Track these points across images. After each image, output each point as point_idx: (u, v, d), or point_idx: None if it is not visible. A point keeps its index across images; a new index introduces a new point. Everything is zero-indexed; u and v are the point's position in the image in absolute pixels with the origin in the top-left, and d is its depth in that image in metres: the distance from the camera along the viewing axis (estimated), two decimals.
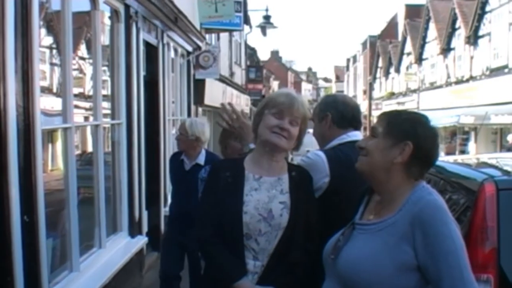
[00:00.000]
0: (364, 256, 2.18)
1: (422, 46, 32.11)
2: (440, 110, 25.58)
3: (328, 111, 3.34)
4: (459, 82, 26.13)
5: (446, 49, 27.88)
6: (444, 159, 4.95)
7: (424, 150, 2.24)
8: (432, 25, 30.04)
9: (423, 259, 2.09)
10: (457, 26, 26.52)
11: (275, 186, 2.82)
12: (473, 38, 24.33)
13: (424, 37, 31.64)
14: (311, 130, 3.51)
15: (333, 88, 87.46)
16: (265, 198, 2.76)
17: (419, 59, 32.62)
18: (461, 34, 25.87)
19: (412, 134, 2.22)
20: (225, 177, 2.81)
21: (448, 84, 27.62)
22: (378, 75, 46.12)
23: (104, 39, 6.69)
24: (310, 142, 3.61)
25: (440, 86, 28.75)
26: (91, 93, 6.31)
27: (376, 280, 2.13)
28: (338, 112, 3.32)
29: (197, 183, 4.78)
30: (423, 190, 2.22)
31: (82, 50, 6.37)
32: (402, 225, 2.14)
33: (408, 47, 35.19)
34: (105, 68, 6.82)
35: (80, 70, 6.30)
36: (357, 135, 3.27)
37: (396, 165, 2.23)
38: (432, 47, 30.39)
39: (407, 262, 2.11)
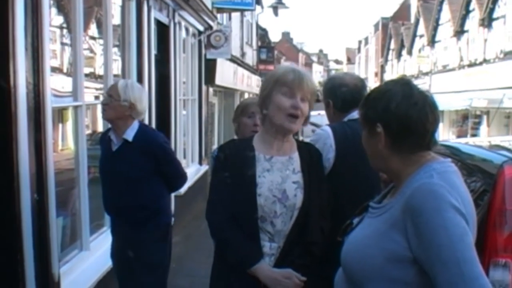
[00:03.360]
0: (356, 242, 2.02)
1: (435, 28, 31.79)
2: (452, 93, 25.38)
3: (329, 98, 3.42)
4: (472, 65, 25.87)
5: (459, 32, 27.57)
6: (457, 141, 4.87)
7: (397, 123, 1.93)
8: (445, 7, 29.71)
9: (417, 252, 1.82)
10: (471, 8, 26.20)
11: (287, 165, 2.77)
12: (487, 21, 24.02)
13: (437, 19, 31.30)
14: (323, 112, 3.56)
15: (344, 70, 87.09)
16: (278, 179, 2.71)
17: (432, 42, 32.31)
18: (475, 16, 25.56)
19: (379, 112, 1.96)
20: (234, 159, 2.73)
21: (461, 67, 27.36)
22: (390, 57, 45.79)
23: (115, 18, 6.63)
24: (320, 123, 3.60)
25: (453, 69, 28.48)
26: (101, 72, 6.28)
27: (364, 269, 1.94)
28: (337, 98, 3.38)
29: (128, 167, 4.09)
30: (426, 171, 1.91)
31: (93, 29, 6.32)
32: (395, 211, 1.89)
33: (421, 29, 34.86)
34: (116, 47, 6.77)
35: (91, 50, 6.25)
36: None
37: (384, 151, 1.98)
38: (445, 29, 30.07)
39: (397, 253, 1.85)
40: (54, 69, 4.74)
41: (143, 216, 4.12)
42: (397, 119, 1.93)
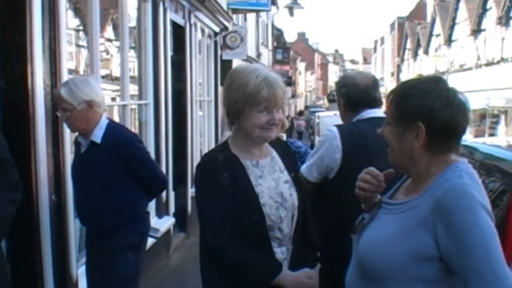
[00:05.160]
0: (379, 239, 1.99)
1: (452, 27, 31.57)
2: (469, 93, 25.19)
3: (340, 97, 3.45)
4: (489, 64, 25.64)
5: (476, 30, 27.35)
6: (474, 140, 4.83)
7: (441, 124, 1.92)
8: (462, 6, 29.49)
9: (446, 251, 1.83)
10: (488, 6, 25.97)
11: (273, 166, 2.67)
12: (505, 19, 23.80)
13: (454, 18, 31.09)
14: (338, 112, 3.58)
15: (360, 70, 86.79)
16: (272, 183, 2.62)
17: (448, 41, 32.09)
18: (492, 14, 25.34)
19: (421, 112, 1.92)
20: (222, 174, 2.52)
21: (478, 66, 27.14)
22: (406, 57, 45.57)
23: (131, 20, 6.66)
24: (336, 123, 3.58)
25: (470, 68, 28.27)
26: (118, 74, 6.31)
27: (388, 266, 1.93)
28: (348, 98, 3.40)
29: (95, 169, 3.68)
30: (454, 172, 1.92)
31: (109, 31, 6.35)
32: (422, 210, 1.89)
33: (437, 29, 34.63)
34: (132, 49, 6.79)
35: (107, 52, 6.28)
36: (375, 112, 3.34)
37: (416, 149, 1.96)
38: (462, 28, 29.85)
39: (424, 251, 1.87)
40: (71, 71, 4.77)
41: (113, 223, 3.70)
42: (443, 120, 1.92)
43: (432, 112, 1.92)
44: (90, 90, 3.64)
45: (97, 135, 3.66)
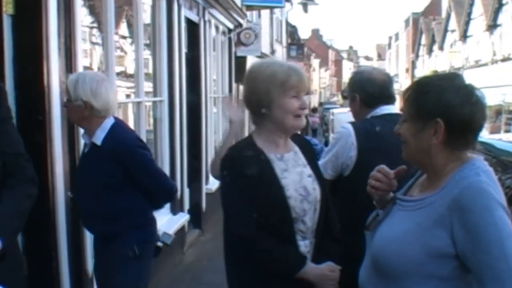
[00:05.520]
0: (394, 236, 1.98)
1: (467, 23, 31.35)
2: (485, 89, 24.95)
3: (355, 92, 3.39)
4: (505, 59, 25.43)
5: (492, 26, 27.13)
6: (490, 137, 4.80)
7: (460, 120, 1.92)
8: (478, 1, 29.27)
9: (462, 249, 1.84)
10: (504, 1, 25.74)
11: (297, 161, 2.74)
12: None
13: (469, 13, 30.86)
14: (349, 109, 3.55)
15: (374, 66, 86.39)
16: (297, 177, 2.68)
17: (464, 36, 31.87)
18: (508, 9, 25.12)
19: (440, 108, 1.92)
20: (248, 166, 2.58)
21: (494, 61, 26.92)
22: (421, 53, 45.30)
23: (145, 17, 6.68)
24: (349, 120, 3.56)
25: (485, 64, 28.06)
26: (132, 71, 6.33)
27: (403, 264, 1.93)
28: (364, 93, 3.34)
29: (95, 172, 3.50)
30: (471, 169, 1.92)
31: (124, 28, 6.38)
32: (439, 207, 1.89)
33: (453, 24, 34.40)
34: (147, 46, 6.81)
35: (122, 49, 6.31)
36: (390, 109, 3.32)
37: (435, 146, 1.96)
38: (478, 24, 29.63)
39: (440, 248, 1.87)
40: (86, 68, 4.79)
41: (109, 229, 3.54)
42: (461, 116, 1.92)
43: (451, 108, 1.92)
44: (92, 93, 3.40)
45: (99, 137, 3.47)
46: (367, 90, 3.32)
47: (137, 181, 3.52)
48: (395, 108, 3.39)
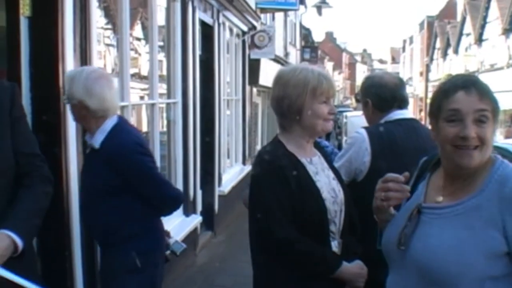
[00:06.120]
0: (447, 245, 1.91)
1: (483, 26, 31.17)
2: (500, 93, 24.84)
3: (367, 97, 3.39)
4: None
5: (508, 29, 26.94)
6: (505, 142, 4.77)
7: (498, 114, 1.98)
8: (493, 4, 29.10)
9: None
10: None
11: (322, 164, 2.81)
12: None
13: (485, 17, 30.69)
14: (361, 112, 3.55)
15: (389, 70, 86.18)
16: (326, 179, 2.75)
17: (479, 40, 31.70)
18: None
19: (497, 104, 1.95)
20: (285, 169, 2.63)
21: (510, 65, 26.75)
22: (435, 56, 45.09)
23: (160, 19, 6.71)
24: (364, 124, 3.55)
25: (501, 68, 27.88)
26: (146, 73, 6.36)
27: (463, 270, 1.89)
28: (376, 97, 3.34)
29: (92, 178, 3.32)
30: (506, 167, 1.95)
31: (138, 30, 6.41)
32: (488, 208, 1.88)
33: (468, 28, 34.22)
34: (161, 48, 6.84)
35: (136, 51, 6.34)
36: (403, 113, 3.33)
37: None
38: (493, 27, 29.46)
39: (496, 249, 1.87)
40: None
41: (111, 238, 3.35)
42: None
43: (496, 102, 1.96)
44: (86, 92, 3.14)
45: (97, 140, 3.21)
46: (378, 95, 3.32)
47: (137, 189, 3.28)
48: (409, 112, 3.38)
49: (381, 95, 3.31)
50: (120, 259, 3.28)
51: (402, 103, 3.34)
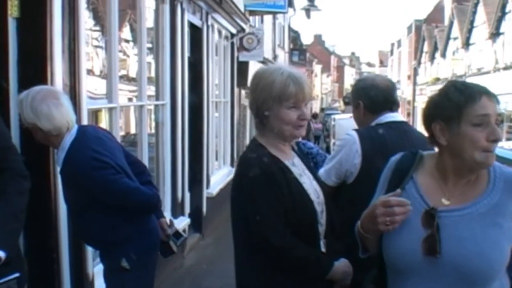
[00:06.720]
0: (486, 245, 1.92)
1: (470, 31, 31.35)
2: None
3: (359, 99, 3.39)
4: (507, 68, 25.43)
5: (495, 34, 27.11)
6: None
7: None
8: (480, 9, 29.27)
9: None
10: (507, 9, 25.75)
11: (301, 165, 2.75)
12: None
13: (472, 21, 30.87)
14: (351, 115, 3.55)
15: (377, 73, 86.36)
16: (308, 180, 2.70)
17: (466, 44, 31.88)
18: (511, 18, 25.16)
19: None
20: (272, 173, 2.53)
21: (496, 70, 26.93)
22: (423, 60, 45.28)
23: (148, 21, 6.70)
24: (352, 126, 3.56)
25: (488, 72, 28.06)
26: (135, 75, 6.35)
27: (503, 265, 1.97)
28: (368, 99, 3.34)
29: (66, 193, 3.42)
30: (497, 167, 2.06)
31: (127, 32, 6.39)
32: (503, 204, 1.98)
33: (455, 32, 34.41)
34: (150, 50, 6.83)
35: (125, 52, 6.32)
36: (394, 116, 3.33)
37: None
38: (480, 32, 29.64)
39: None
40: (89, 71, 4.81)
41: (101, 245, 3.54)
42: None
43: None
44: (35, 113, 3.11)
45: (60, 159, 3.25)
46: (370, 97, 3.32)
47: (105, 202, 3.30)
48: (400, 115, 3.40)
49: (373, 97, 3.31)
50: (109, 263, 3.45)
51: (393, 105, 3.35)
